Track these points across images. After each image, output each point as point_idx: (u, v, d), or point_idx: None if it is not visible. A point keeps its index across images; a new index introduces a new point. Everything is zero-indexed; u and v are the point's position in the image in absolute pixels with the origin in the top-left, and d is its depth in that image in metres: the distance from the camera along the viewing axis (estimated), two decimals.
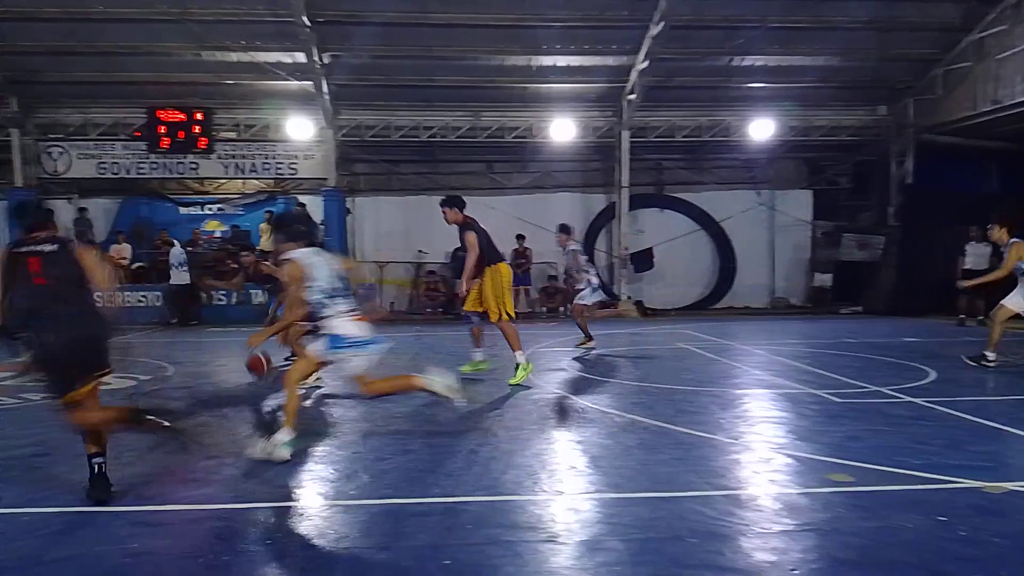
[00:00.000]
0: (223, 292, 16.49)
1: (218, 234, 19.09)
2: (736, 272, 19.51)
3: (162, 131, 16.50)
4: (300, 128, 16.78)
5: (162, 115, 16.49)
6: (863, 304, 17.81)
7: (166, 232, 17.87)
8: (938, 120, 16.58)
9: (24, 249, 4.25)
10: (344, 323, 5.14)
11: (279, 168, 17.41)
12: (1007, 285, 8.72)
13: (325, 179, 17.35)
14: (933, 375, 8.27)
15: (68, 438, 5.82)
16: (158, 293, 16.43)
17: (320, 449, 5.44)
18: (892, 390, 7.33)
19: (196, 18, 14.15)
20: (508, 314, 8.06)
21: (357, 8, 14.12)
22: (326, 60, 15.45)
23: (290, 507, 4.21)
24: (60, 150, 16.87)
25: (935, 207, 16.30)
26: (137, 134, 16.71)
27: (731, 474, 4.77)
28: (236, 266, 12.51)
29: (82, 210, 18.00)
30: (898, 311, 16.30)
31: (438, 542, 3.65)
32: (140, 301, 16.36)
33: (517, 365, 8.00)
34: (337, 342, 5.12)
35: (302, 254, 5.22)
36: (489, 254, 8.07)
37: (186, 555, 3.55)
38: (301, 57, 15.09)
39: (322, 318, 5.17)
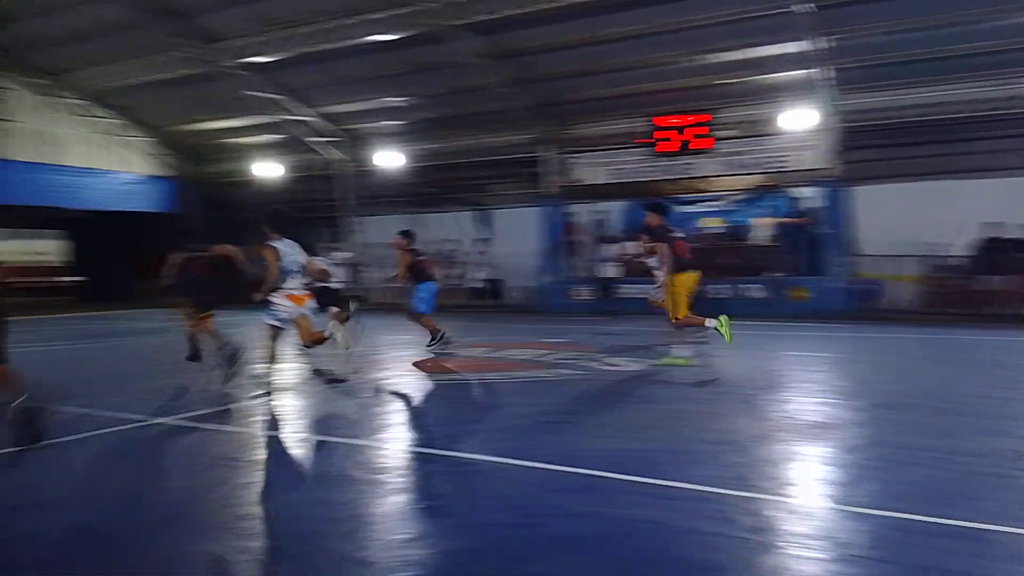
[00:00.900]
0: (722, 286, 17.00)
1: (716, 231, 19.67)
2: None
3: (662, 136, 17.78)
4: (797, 119, 16.40)
5: (662, 121, 17.76)
6: None
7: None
8: None
9: None
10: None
11: (775, 162, 17.28)
12: None
13: (823, 169, 16.64)
14: None
15: (590, 409, 6.68)
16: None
17: (824, 450, 5.28)
18: None
19: (692, 25, 14.88)
20: (679, 315, 8.79)
21: None
22: (827, 45, 14.80)
23: (789, 503, 4.17)
24: (579, 160, 19.35)
25: None
26: (640, 141, 18.26)
27: None
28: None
29: (596, 213, 20.29)
30: None
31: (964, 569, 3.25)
32: (644, 294, 17.76)
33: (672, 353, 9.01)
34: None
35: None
36: (680, 261, 8.76)
37: (685, 531, 3.77)
38: (798, 47, 14.74)
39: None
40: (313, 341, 8.10)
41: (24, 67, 21.00)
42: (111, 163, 23.43)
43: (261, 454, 5.48)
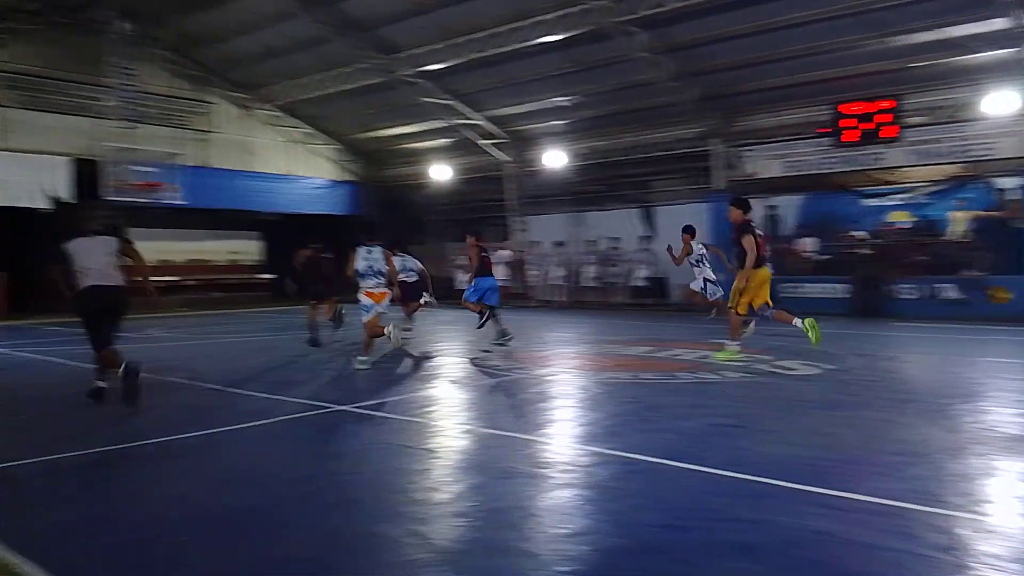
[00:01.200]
0: (913, 285, 15.80)
1: (905, 225, 18.24)
2: None
3: (846, 125, 16.65)
4: (999, 103, 14.84)
5: (846, 109, 16.63)
6: None
7: (856, 224, 17.88)
8: None
9: None
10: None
11: (972, 150, 15.72)
12: None
13: None
14: None
15: (760, 414, 6.43)
16: (841, 285, 16.66)
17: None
18: None
19: (878, 7, 13.85)
20: (739, 310, 9.04)
21: None
22: None
23: (984, 522, 3.79)
24: (752, 153, 18.57)
25: None
26: (821, 131, 17.23)
27: None
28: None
29: (771, 207, 19.39)
30: None
31: None
32: (824, 293, 16.86)
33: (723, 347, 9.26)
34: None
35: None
36: (759, 257, 8.93)
37: (863, 545, 3.52)
38: (1002, 23, 13.33)
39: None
40: (373, 334, 9.39)
41: (225, 83, 23.26)
42: (300, 169, 25.38)
43: (431, 443, 5.71)
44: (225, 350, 11.91)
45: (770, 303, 9.19)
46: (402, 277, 11.55)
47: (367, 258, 9.36)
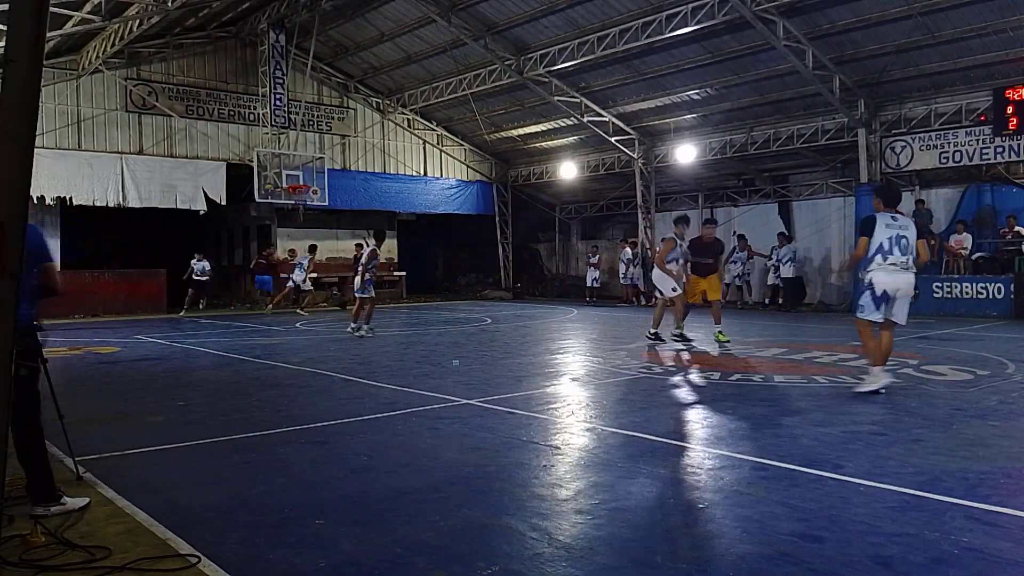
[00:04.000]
0: None
1: None
2: None
3: (1010, 111, 15.27)
4: None
5: (1012, 94, 15.25)
6: None
7: (1014, 219, 16.47)
8: None
9: None
10: None
11: None
12: None
13: None
14: None
15: (905, 421, 6.05)
16: (1000, 284, 15.34)
17: None
18: None
19: None
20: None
21: None
22: None
23: None
24: (903, 144, 17.42)
25: None
26: (983, 118, 15.93)
27: None
28: None
29: (919, 202, 18.14)
30: None
31: None
32: (980, 293, 15.60)
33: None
34: None
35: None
36: None
37: (1018, 564, 3.25)
38: None
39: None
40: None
41: (365, 89, 24.33)
42: (434, 170, 26.12)
43: (556, 439, 5.75)
44: (362, 344, 12.44)
45: None
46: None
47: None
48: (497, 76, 20.38)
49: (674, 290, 11.44)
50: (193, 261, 19.83)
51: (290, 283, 19.72)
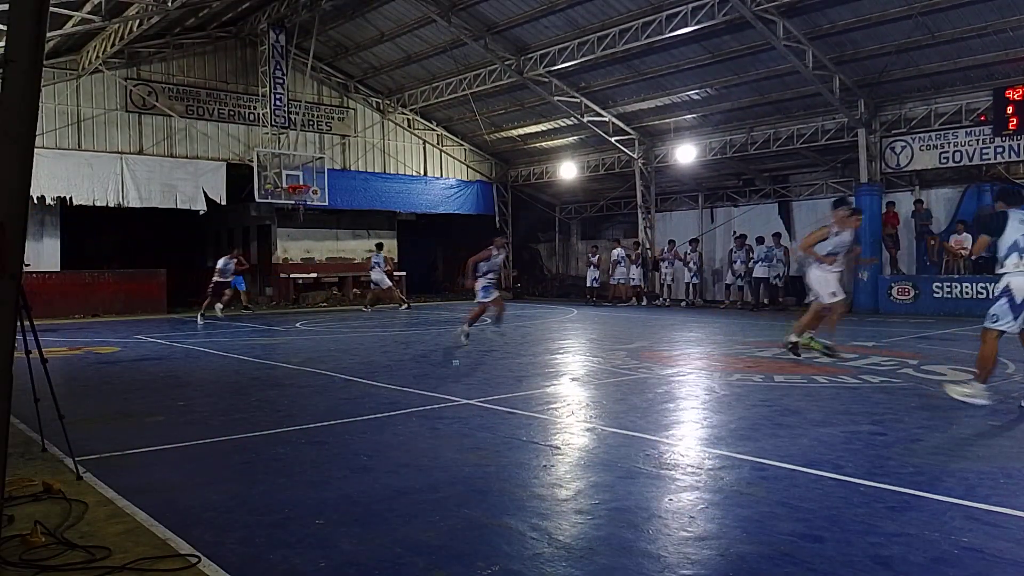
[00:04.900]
0: None
1: None
2: None
3: (1010, 111, 15.28)
4: None
5: (1012, 94, 15.25)
6: None
7: None
8: None
9: None
10: None
11: None
12: None
13: None
14: None
15: (905, 422, 6.05)
16: (995, 286, 15.33)
17: None
18: None
19: None
20: None
21: None
22: None
23: None
24: (903, 144, 17.42)
25: None
26: (983, 118, 15.93)
27: None
28: None
29: (917, 202, 18.08)
30: None
31: None
32: (980, 293, 15.60)
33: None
34: None
35: None
36: None
37: (1018, 563, 3.25)
38: None
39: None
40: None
41: (365, 89, 24.32)
42: (434, 170, 26.12)
43: (556, 439, 5.75)
44: (362, 343, 12.45)
45: None
46: None
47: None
48: (497, 76, 20.39)
49: (834, 295, 9.28)
50: (220, 261, 18.70)
51: (372, 284, 20.55)
